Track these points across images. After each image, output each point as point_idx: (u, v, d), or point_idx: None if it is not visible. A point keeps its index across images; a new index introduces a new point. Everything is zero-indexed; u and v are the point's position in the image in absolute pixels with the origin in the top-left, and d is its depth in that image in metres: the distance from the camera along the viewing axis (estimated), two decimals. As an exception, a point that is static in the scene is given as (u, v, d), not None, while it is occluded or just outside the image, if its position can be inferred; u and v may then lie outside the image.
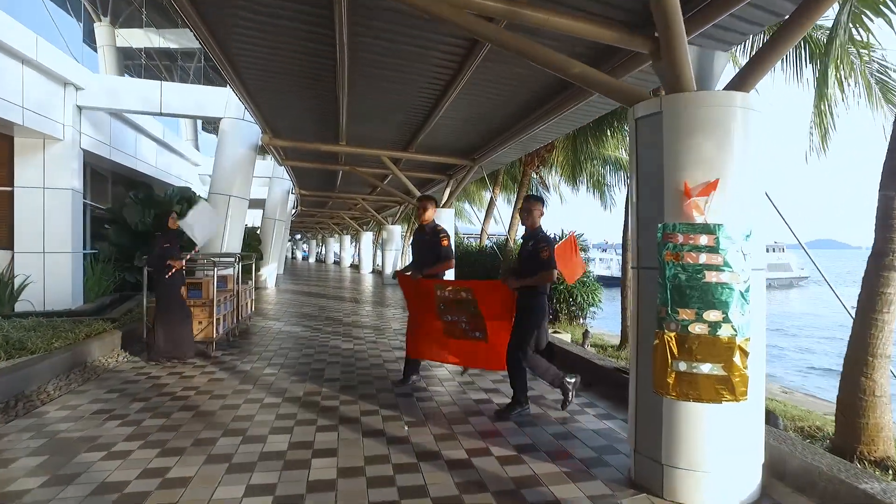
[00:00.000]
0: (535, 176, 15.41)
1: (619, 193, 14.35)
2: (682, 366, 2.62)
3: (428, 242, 4.86)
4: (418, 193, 9.81)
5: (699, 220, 2.60)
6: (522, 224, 5.77)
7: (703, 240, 2.60)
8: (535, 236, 4.14)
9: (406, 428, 3.77)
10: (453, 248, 5.53)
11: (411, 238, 5.48)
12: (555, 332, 8.35)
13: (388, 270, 19.89)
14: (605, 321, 13.74)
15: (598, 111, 6.61)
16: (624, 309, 7.83)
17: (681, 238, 2.63)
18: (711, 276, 2.58)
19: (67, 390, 4.52)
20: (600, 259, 44.78)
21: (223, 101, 10.88)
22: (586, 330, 8.34)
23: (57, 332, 5.72)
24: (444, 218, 9.43)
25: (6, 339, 5.05)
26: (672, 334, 2.64)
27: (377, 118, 7.14)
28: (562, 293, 10.17)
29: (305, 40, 4.75)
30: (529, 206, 4.32)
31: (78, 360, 5.24)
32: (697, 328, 2.60)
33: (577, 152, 12.11)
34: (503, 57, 4.85)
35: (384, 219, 21.32)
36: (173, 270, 5.64)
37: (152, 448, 3.33)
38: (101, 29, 20.33)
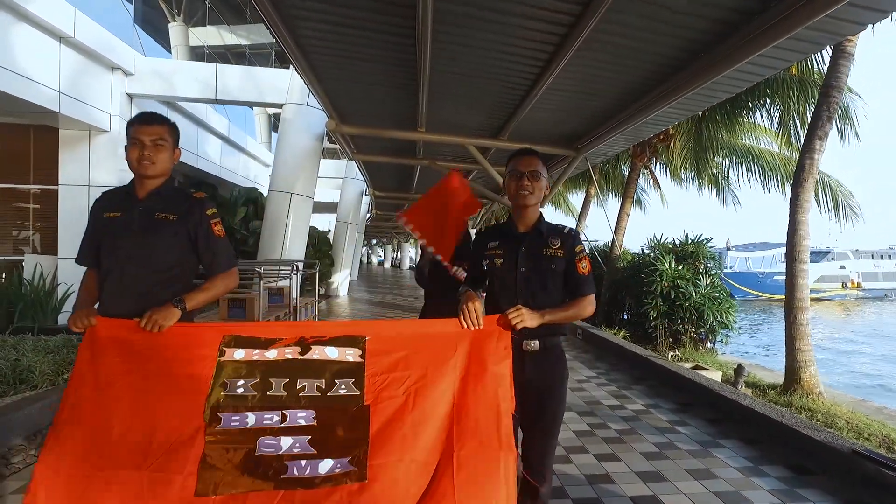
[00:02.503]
0: (644, 170, 14.05)
1: (749, 189, 12.68)
2: None
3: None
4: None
5: None
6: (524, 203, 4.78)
7: None
8: (569, 232, 2.30)
9: None
10: None
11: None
12: (696, 365, 7.11)
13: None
14: (738, 348, 12.15)
15: (738, 84, 5.53)
16: (791, 338, 6.42)
17: None
18: None
19: None
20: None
21: (285, 84, 10.44)
22: (739, 365, 7.01)
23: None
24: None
25: (14, 367, 4.65)
26: None
27: (463, 99, 6.46)
28: (687, 311, 8.82)
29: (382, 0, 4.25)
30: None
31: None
32: None
33: (701, 139, 10.69)
34: (621, 24, 4.22)
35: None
36: None
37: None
38: (176, 29, 21.22)
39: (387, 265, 55.58)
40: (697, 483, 3.33)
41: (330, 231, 17.80)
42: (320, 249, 14.25)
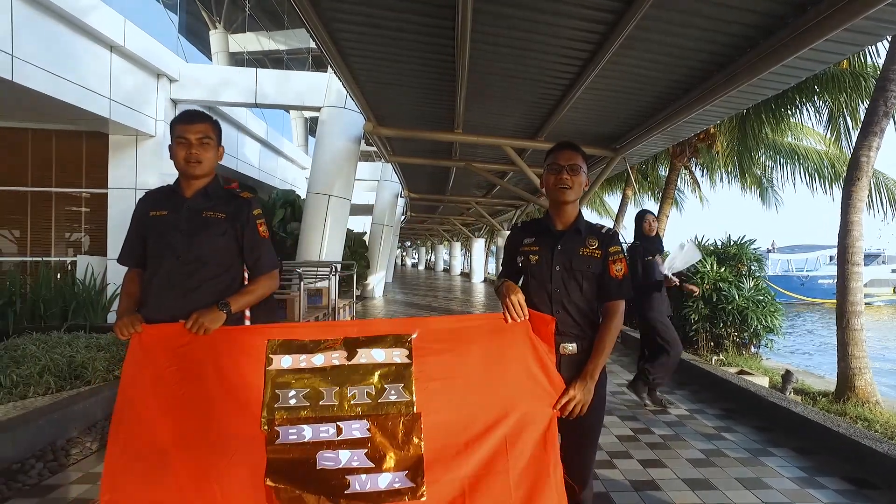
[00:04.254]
0: (683, 170, 13.71)
1: (792, 190, 12.24)
2: None
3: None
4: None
5: None
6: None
7: None
8: (608, 232, 2.17)
9: None
10: None
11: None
12: (740, 371, 6.88)
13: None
14: (783, 353, 11.70)
15: (787, 80, 5.34)
16: (844, 343, 6.11)
17: None
18: None
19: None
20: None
21: (322, 87, 10.56)
22: (787, 371, 6.74)
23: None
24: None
25: (70, 363, 4.80)
26: None
27: (500, 99, 6.43)
28: (729, 314, 8.55)
29: (421, 1, 4.25)
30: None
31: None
32: None
33: (745, 139, 10.36)
34: (665, 20, 4.11)
35: (499, 224, 20.54)
36: None
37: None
38: (216, 36, 21.72)
39: (420, 267, 55.81)
40: (749, 493, 3.20)
41: (365, 233, 17.96)
42: (356, 251, 14.37)
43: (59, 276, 9.50)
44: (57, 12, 7.36)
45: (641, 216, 5.32)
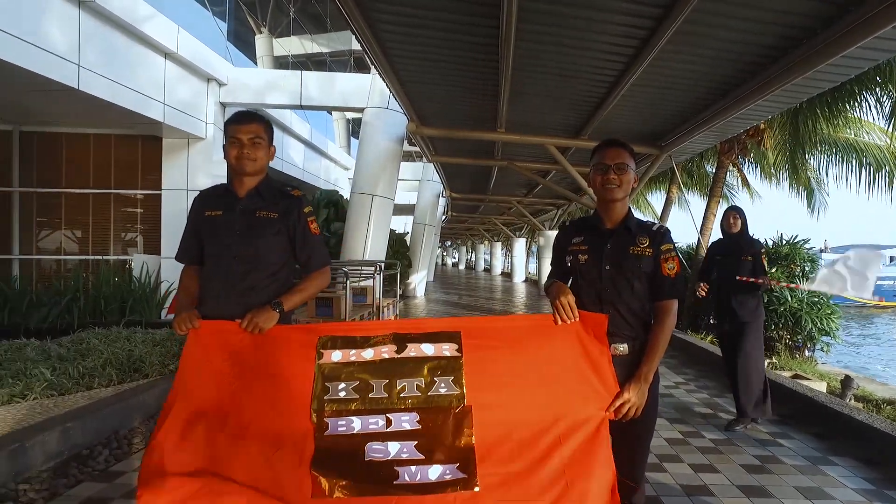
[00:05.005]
0: (731, 168, 13.27)
1: (846, 188, 11.67)
2: None
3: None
4: (591, 191, 8.71)
5: None
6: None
7: None
8: (659, 229, 2.10)
9: None
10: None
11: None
12: (794, 375, 6.62)
13: (545, 279, 18.98)
14: (840, 357, 11.14)
15: (846, 72, 5.09)
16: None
17: None
18: None
19: None
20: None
21: (366, 88, 10.69)
22: (847, 376, 6.45)
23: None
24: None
25: (129, 356, 5.00)
26: None
27: (544, 98, 6.39)
28: (782, 316, 8.24)
29: (466, 0, 4.24)
30: None
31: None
32: None
33: (797, 134, 9.94)
34: (715, 13, 4.00)
35: (541, 224, 20.37)
36: None
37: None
38: (261, 40, 22.28)
39: (461, 267, 55.84)
40: (809, 502, 3.07)
41: (407, 233, 18.10)
42: (398, 251, 14.49)
43: (116, 275, 9.92)
44: (117, 22, 7.69)
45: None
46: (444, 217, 23.36)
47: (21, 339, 5.46)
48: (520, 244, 27.89)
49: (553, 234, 19.75)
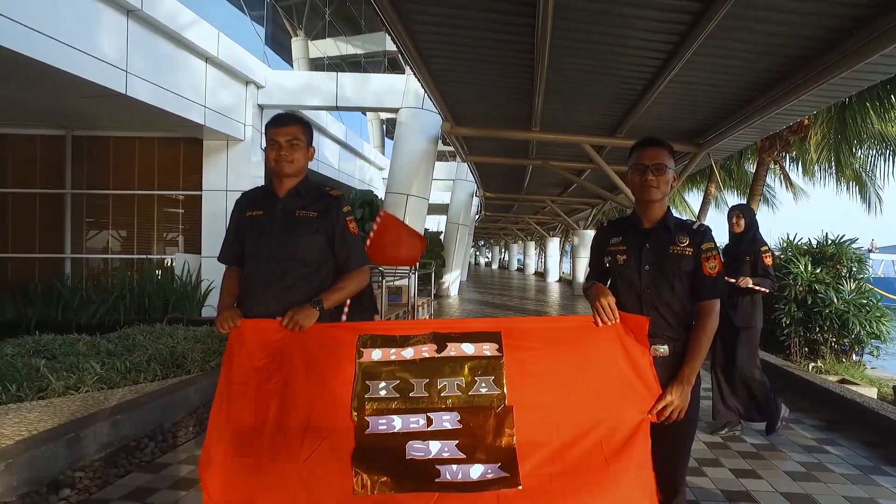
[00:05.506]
0: (773, 166, 12.88)
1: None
2: None
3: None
4: (629, 191, 8.60)
5: None
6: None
7: None
8: (699, 228, 2.06)
9: None
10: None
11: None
12: (842, 379, 6.39)
13: (580, 280, 18.84)
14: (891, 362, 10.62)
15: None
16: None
17: None
18: None
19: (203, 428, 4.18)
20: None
21: (400, 89, 10.77)
22: (899, 382, 6.19)
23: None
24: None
25: (171, 352, 5.15)
26: None
27: (580, 96, 6.34)
28: (827, 318, 7.94)
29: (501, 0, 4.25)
30: None
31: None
32: None
33: (845, 129, 9.57)
34: (759, 6, 3.90)
35: (575, 223, 20.17)
36: None
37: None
38: (297, 43, 22.64)
39: (494, 266, 55.70)
40: (857, 511, 2.96)
41: (441, 232, 18.14)
42: (432, 250, 14.54)
43: (159, 273, 10.25)
44: (162, 29, 7.95)
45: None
46: (477, 216, 23.36)
47: (73, 335, 5.69)
48: (553, 244, 27.67)
49: (588, 233, 19.51)
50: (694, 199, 19.90)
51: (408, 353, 1.93)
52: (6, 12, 5.62)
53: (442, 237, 17.53)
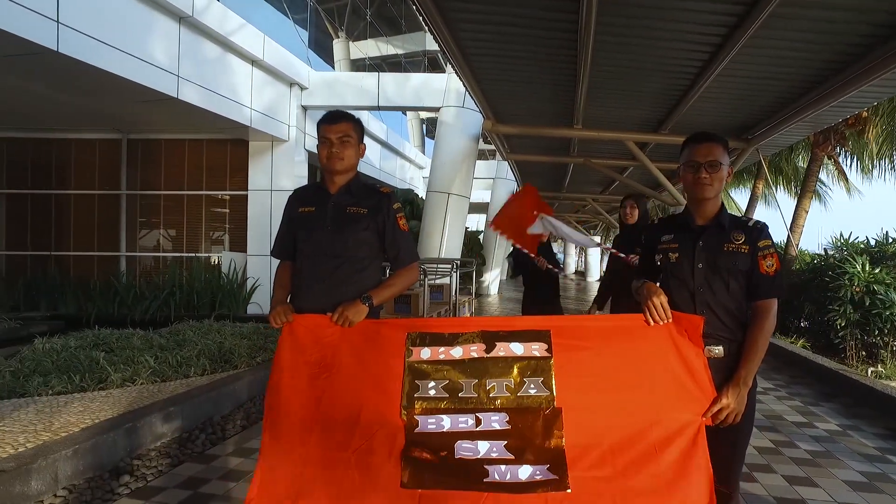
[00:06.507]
0: (827, 161, 12.36)
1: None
2: None
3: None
4: (673, 188, 8.40)
5: None
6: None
7: None
8: (755, 225, 1.97)
9: None
10: None
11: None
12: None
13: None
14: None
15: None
16: None
17: None
18: None
19: (258, 417, 4.23)
20: None
21: (441, 88, 10.79)
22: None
23: (269, 340, 5.87)
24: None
25: (219, 348, 5.29)
26: None
27: (623, 92, 6.21)
28: (887, 321, 7.56)
29: None
30: None
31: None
32: None
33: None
34: None
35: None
36: None
37: None
38: (339, 44, 22.97)
39: (532, 264, 55.42)
40: (924, 524, 2.81)
41: (481, 232, 18.13)
42: (471, 249, 14.55)
43: (206, 271, 10.58)
44: (211, 34, 8.20)
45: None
46: (516, 215, 23.19)
47: (128, 329, 5.94)
48: (594, 242, 27.31)
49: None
50: (740, 196, 19.29)
51: (456, 352, 1.93)
52: (71, 23, 5.91)
53: (482, 236, 17.51)
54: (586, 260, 27.72)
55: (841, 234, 9.38)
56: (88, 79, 6.76)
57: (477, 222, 23.66)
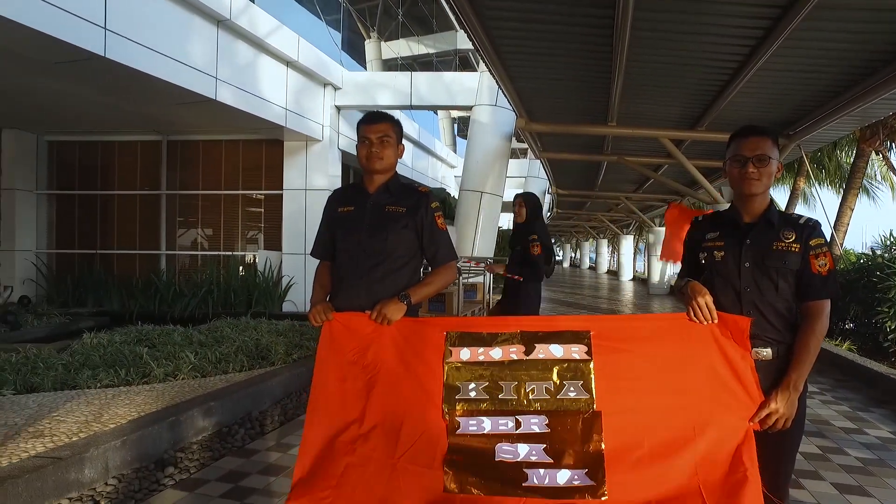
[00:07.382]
0: (875, 156, 11.92)
1: None
2: None
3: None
4: (710, 186, 8.22)
5: None
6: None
7: None
8: (807, 222, 1.89)
9: None
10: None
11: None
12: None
13: (655, 279, 18.19)
14: None
15: None
16: None
17: None
18: None
19: (295, 413, 4.28)
20: None
21: (474, 86, 10.76)
22: None
23: (304, 338, 5.95)
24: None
25: (257, 345, 5.39)
26: None
27: (659, 88, 6.13)
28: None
29: None
30: None
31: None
32: None
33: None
34: None
35: (650, 220, 19.46)
36: None
37: None
38: (371, 44, 23.18)
39: (565, 264, 54.76)
40: None
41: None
42: (504, 248, 14.50)
43: (242, 269, 10.80)
44: (247, 36, 8.37)
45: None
46: (549, 214, 23.07)
47: (169, 326, 6.12)
48: (628, 241, 26.87)
49: (664, 230, 18.83)
50: (779, 194, 18.75)
51: (496, 353, 1.91)
52: (117, 30, 6.11)
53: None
54: (619, 260, 27.32)
55: (891, 233, 9.02)
56: (132, 82, 6.97)
57: (508, 221, 23.56)
